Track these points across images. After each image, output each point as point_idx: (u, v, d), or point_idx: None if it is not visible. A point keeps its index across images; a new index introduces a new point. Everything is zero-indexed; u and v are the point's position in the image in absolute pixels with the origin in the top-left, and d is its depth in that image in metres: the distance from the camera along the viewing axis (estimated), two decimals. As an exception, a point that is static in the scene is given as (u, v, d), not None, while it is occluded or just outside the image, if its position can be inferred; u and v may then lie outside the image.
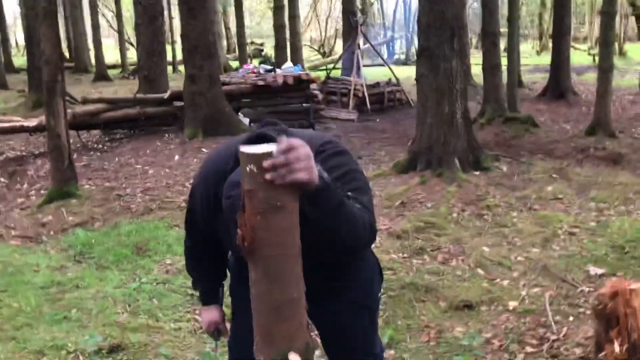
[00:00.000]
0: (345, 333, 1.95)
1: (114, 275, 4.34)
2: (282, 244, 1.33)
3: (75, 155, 7.59)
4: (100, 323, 3.55)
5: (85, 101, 9.55)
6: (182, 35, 8.85)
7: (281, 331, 1.37)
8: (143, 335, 3.40)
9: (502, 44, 11.98)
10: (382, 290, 2.10)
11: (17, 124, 8.78)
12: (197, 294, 2.20)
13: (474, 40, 25.67)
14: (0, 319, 3.54)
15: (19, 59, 27.66)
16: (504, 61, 9.58)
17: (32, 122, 8.77)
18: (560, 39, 11.86)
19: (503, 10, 15.89)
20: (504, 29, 14.23)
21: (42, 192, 6.80)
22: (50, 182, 6.51)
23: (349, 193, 1.59)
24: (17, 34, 38.30)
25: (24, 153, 8.94)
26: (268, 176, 1.24)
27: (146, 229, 5.26)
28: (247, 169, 1.27)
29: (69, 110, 7.48)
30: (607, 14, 7.86)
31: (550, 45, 13.21)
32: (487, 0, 9.01)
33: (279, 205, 1.29)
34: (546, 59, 18.52)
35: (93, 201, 6.20)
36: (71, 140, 6.84)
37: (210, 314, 2.11)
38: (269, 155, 1.27)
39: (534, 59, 22.86)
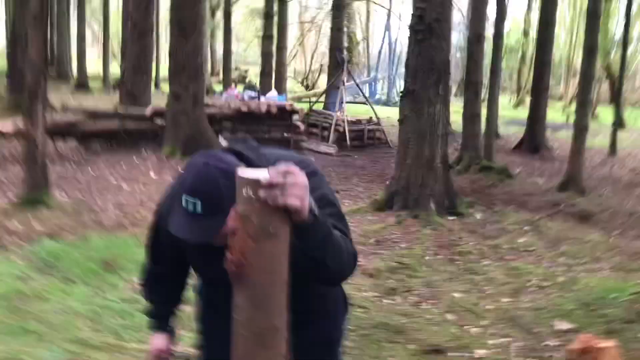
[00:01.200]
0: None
1: (80, 290, 4.23)
2: (272, 271, 1.32)
3: (49, 165, 7.45)
4: (62, 338, 3.44)
5: (65, 109, 9.43)
6: (170, 54, 8.87)
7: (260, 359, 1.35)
8: (105, 354, 3.31)
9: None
10: (347, 320, 2.05)
11: (-8, 126, 8.61)
12: (149, 319, 2.05)
13: (454, 89, 26.26)
14: (-43, 326, 3.41)
15: (-1, 61, 27.27)
16: (483, 110, 9.81)
17: (7, 127, 8.61)
18: (538, 94, 12.22)
19: (485, 60, 16.35)
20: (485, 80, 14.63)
21: (13, 198, 6.64)
22: (22, 189, 6.37)
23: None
24: (-2, 36, 37.80)
25: (-4, 157, 8.74)
26: (262, 193, 1.24)
27: (116, 244, 5.15)
28: (244, 193, 1.28)
29: (47, 117, 7.38)
30: (586, 77, 8.16)
31: (527, 100, 13.60)
32: (474, 50, 9.27)
33: (272, 231, 1.29)
34: (522, 113, 19.01)
35: (64, 212, 6.07)
36: (47, 149, 6.73)
37: (160, 341, 1.99)
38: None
39: (510, 111, 23.46)
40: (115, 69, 25.29)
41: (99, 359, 3.23)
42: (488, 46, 12.43)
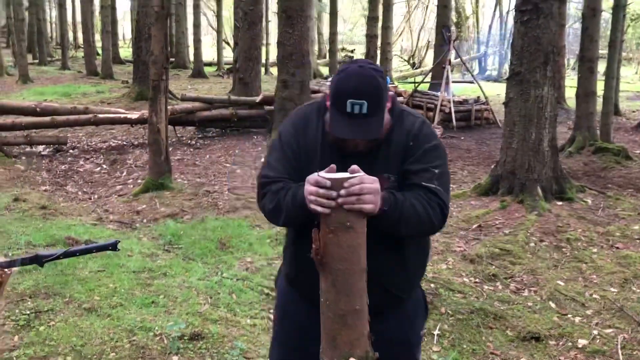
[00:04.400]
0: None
1: (199, 267, 4.65)
2: (350, 260, 1.53)
3: (170, 149, 8.11)
4: (184, 311, 3.84)
5: (183, 99, 10.16)
6: (278, 43, 9.22)
7: (344, 338, 1.56)
8: (221, 327, 3.65)
9: (601, 66, 11.50)
10: (425, 327, 2.11)
11: (121, 115, 9.47)
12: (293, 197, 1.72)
13: (572, 62, 24.71)
14: (99, 297, 3.92)
15: (125, 51, 29.53)
16: (600, 85, 9.26)
17: (133, 115, 9.44)
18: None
19: (606, 32, 15.26)
20: (603, 51, 13.70)
21: (138, 181, 7.33)
22: (147, 173, 7.01)
23: (428, 165, 1.75)
24: (124, 27, 40.88)
25: (124, 143, 9.62)
26: (340, 200, 1.48)
27: (230, 226, 5.57)
28: None
29: (168, 107, 8.02)
30: None
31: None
32: (589, 24, 8.75)
33: (349, 225, 1.51)
34: (649, 86, 17.56)
35: (184, 195, 6.63)
36: (168, 135, 7.33)
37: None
38: (344, 180, 1.49)
39: (636, 85, 21.71)
40: (228, 52, 26.51)
41: (217, 332, 3.57)
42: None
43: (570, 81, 16.28)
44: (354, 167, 1.55)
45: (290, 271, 1.99)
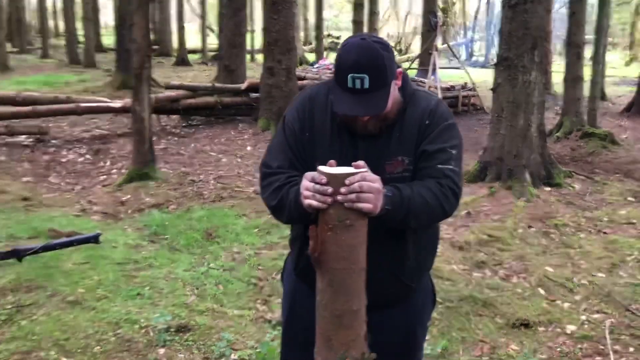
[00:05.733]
0: (382, 350, 1.80)
1: (185, 258, 4.59)
2: (348, 259, 1.47)
3: (154, 139, 7.98)
4: (170, 303, 3.78)
5: (167, 87, 10.02)
6: (263, 29, 9.11)
7: (340, 338, 1.50)
8: (208, 319, 3.60)
9: (587, 52, 11.51)
10: (431, 319, 2.10)
11: (104, 104, 9.31)
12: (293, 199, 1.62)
13: (558, 47, 24.75)
14: (83, 289, 3.84)
15: (108, 39, 29.09)
16: (587, 71, 9.27)
17: (117, 104, 9.29)
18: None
19: (592, 16, 15.26)
20: (590, 36, 13.72)
21: (122, 171, 7.21)
22: (131, 163, 6.89)
23: (445, 145, 1.68)
24: (107, 15, 40.26)
25: (108, 132, 9.47)
26: (339, 197, 1.41)
27: (216, 215, 5.50)
28: None
29: (152, 95, 7.88)
30: None
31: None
32: (576, 10, 8.72)
33: (348, 223, 1.44)
34: (635, 71, 17.60)
35: (169, 184, 6.53)
36: (151, 124, 7.21)
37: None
38: (345, 177, 1.41)
39: (621, 70, 21.83)
40: (213, 39, 26.23)
41: (204, 324, 3.52)
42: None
43: (557, 67, 16.31)
44: (360, 162, 1.47)
45: (299, 263, 1.91)
